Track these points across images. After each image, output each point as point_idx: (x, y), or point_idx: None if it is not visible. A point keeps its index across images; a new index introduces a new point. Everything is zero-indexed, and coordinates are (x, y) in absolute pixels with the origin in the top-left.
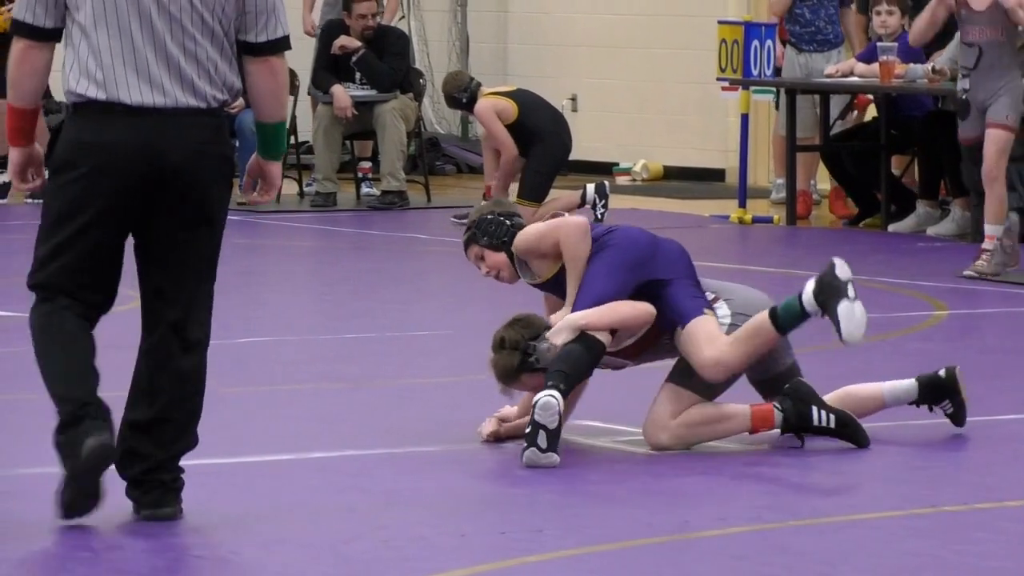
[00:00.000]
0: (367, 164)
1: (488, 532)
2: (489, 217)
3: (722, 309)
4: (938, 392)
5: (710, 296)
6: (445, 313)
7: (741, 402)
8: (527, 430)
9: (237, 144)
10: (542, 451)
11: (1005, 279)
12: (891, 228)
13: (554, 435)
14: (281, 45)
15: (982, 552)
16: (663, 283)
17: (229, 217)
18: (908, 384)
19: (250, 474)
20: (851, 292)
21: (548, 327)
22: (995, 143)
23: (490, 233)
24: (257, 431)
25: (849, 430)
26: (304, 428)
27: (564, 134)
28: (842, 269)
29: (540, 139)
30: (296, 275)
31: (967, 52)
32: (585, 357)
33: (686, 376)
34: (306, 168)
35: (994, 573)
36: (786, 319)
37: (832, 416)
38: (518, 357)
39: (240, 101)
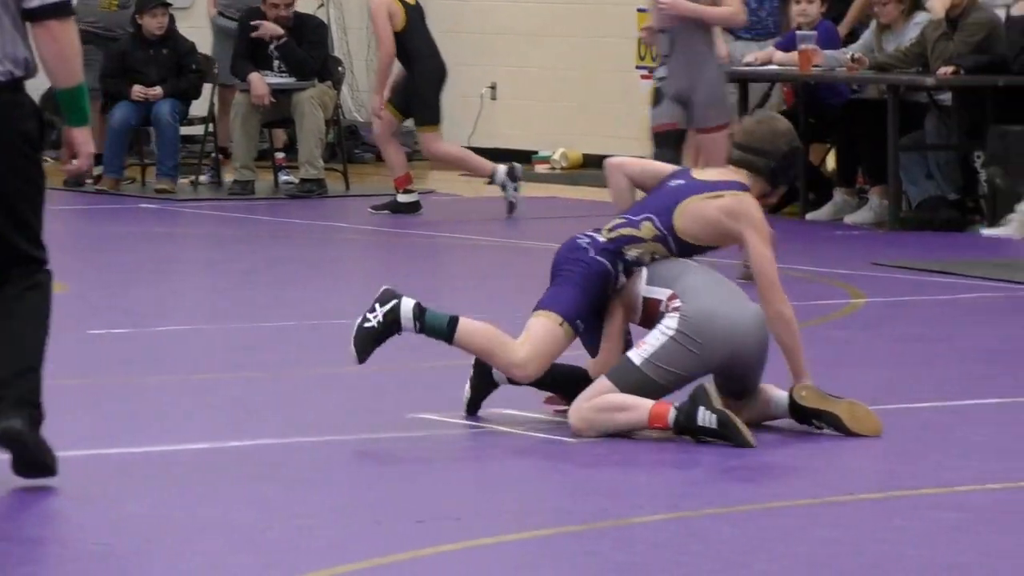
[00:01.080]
0: (281, 155)
1: (405, 520)
2: None
3: (672, 319)
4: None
5: (667, 293)
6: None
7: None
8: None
9: (153, 132)
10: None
11: (924, 267)
12: (809, 216)
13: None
14: (59, 9)
15: (898, 540)
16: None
17: (146, 205)
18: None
19: (167, 463)
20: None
21: None
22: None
23: None
24: (175, 420)
25: (728, 430)
26: (222, 417)
27: (440, 56)
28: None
29: (419, 58)
30: (214, 263)
31: (662, 39)
32: None
33: (620, 373)
34: (226, 156)
35: (910, 561)
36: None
37: (713, 415)
38: None
39: (158, 89)
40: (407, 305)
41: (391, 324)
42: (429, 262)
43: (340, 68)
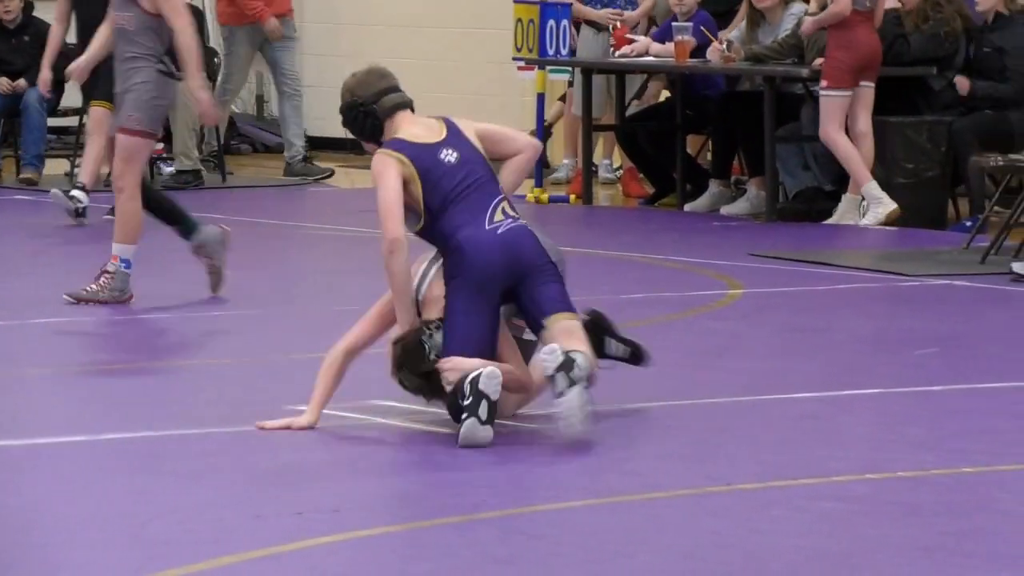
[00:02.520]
0: (159, 145)
1: (284, 513)
2: None
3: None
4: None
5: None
6: (242, 293)
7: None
8: (465, 401)
9: (23, 122)
10: (482, 423)
11: (801, 257)
12: (687, 207)
13: (494, 407)
14: None
15: (777, 530)
16: None
17: (18, 196)
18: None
19: (45, 456)
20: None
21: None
22: (119, 150)
23: None
24: (52, 413)
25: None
26: (100, 409)
27: None
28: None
29: None
30: (88, 256)
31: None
32: None
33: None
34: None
35: (789, 551)
36: None
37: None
38: (428, 366)
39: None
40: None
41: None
42: (306, 254)
43: (215, 59)
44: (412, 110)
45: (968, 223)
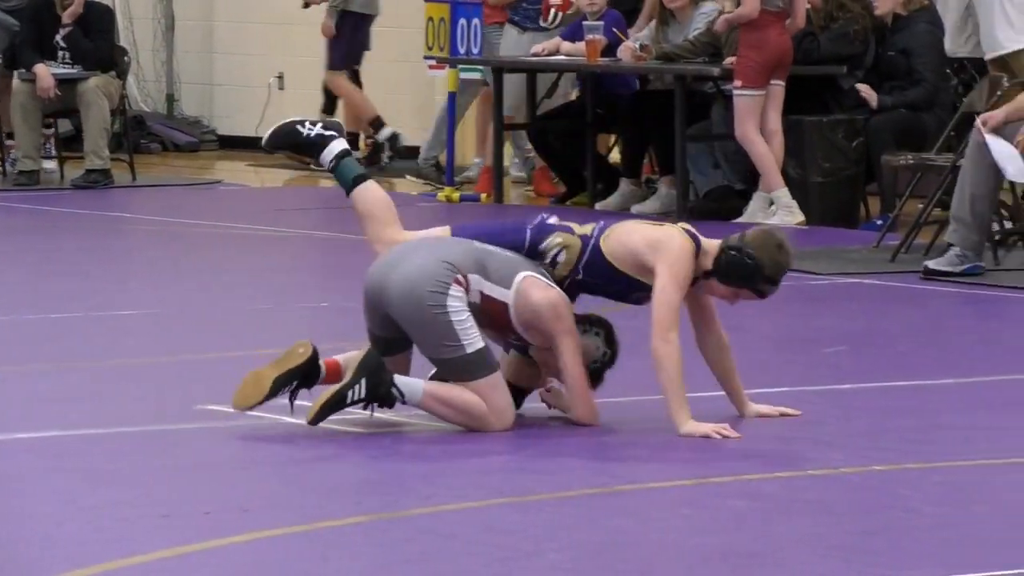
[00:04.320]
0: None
1: (193, 512)
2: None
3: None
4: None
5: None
6: (150, 292)
7: None
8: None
9: None
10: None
11: None
12: (598, 206)
13: None
14: None
15: (687, 528)
16: None
17: None
18: None
19: None
20: None
21: None
22: None
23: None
24: None
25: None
26: (10, 409)
27: None
28: None
29: None
30: None
31: None
32: None
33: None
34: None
35: (699, 549)
36: None
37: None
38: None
39: None
40: (338, 145)
41: (313, 145)
42: (217, 253)
43: (126, 58)
44: None
45: (879, 221)
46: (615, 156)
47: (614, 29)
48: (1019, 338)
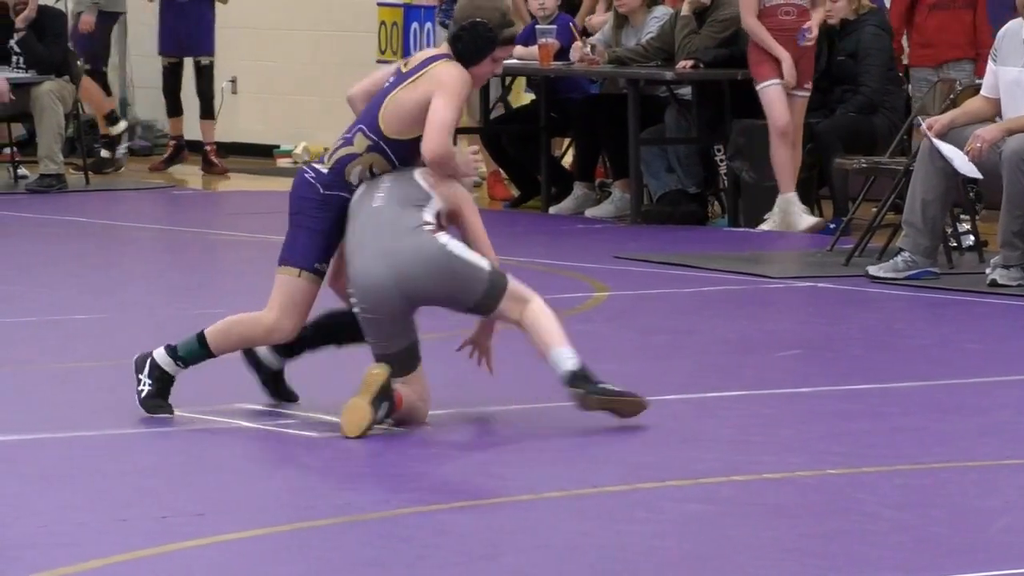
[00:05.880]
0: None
1: (147, 517)
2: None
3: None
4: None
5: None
6: (102, 296)
7: None
8: None
9: None
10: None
11: (666, 260)
12: (552, 210)
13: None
14: None
15: (644, 532)
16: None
17: None
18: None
19: None
20: None
21: None
22: None
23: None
24: None
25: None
26: None
27: None
28: None
29: None
30: None
31: None
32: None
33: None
34: None
35: (655, 552)
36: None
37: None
38: None
39: None
40: (160, 355)
41: (162, 379)
42: (170, 257)
43: (79, 62)
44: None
45: (832, 225)
46: (569, 160)
47: (571, 25)
48: (974, 341)
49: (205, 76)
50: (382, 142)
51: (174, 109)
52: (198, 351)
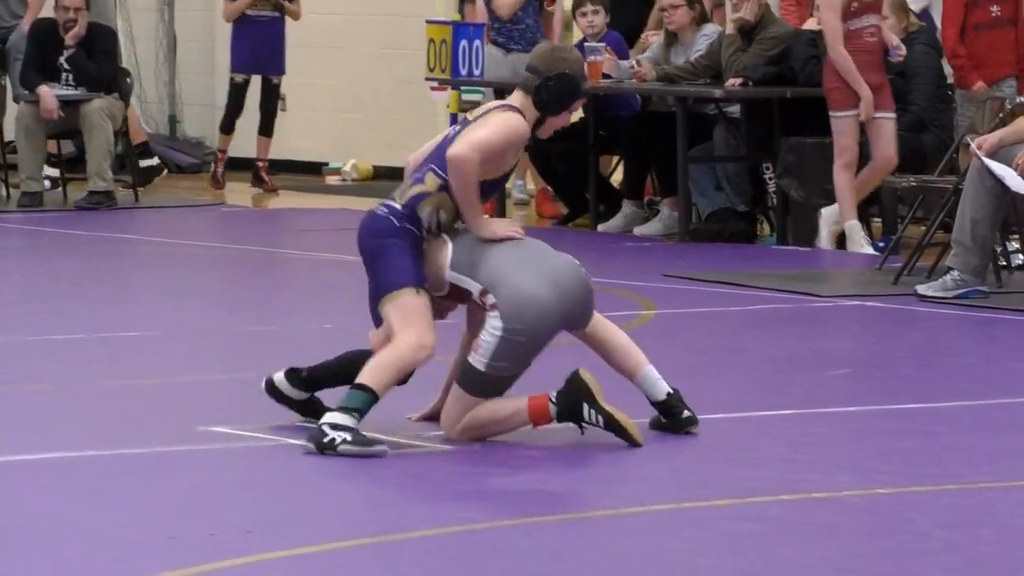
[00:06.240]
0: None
1: (197, 534)
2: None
3: (494, 319)
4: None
5: (477, 288)
6: (153, 313)
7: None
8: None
9: None
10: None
11: (715, 278)
12: (600, 228)
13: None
14: None
15: (692, 550)
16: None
17: None
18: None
19: None
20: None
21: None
22: None
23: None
24: None
25: (615, 431)
26: (11, 429)
27: None
28: None
29: None
30: (2, 276)
31: None
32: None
33: (467, 379)
34: (12, 168)
35: (703, 571)
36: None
37: (600, 416)
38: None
39: None
40: (336, 417)
41: (350, 429)
42: (219, 274)
43: (129, 79)
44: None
45: (881, 244)
46: (617, 177)
47: (604, 47)
48: (1022, 360)
49: (273, 94)
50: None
51: (230, 126)
52: (368, 398)
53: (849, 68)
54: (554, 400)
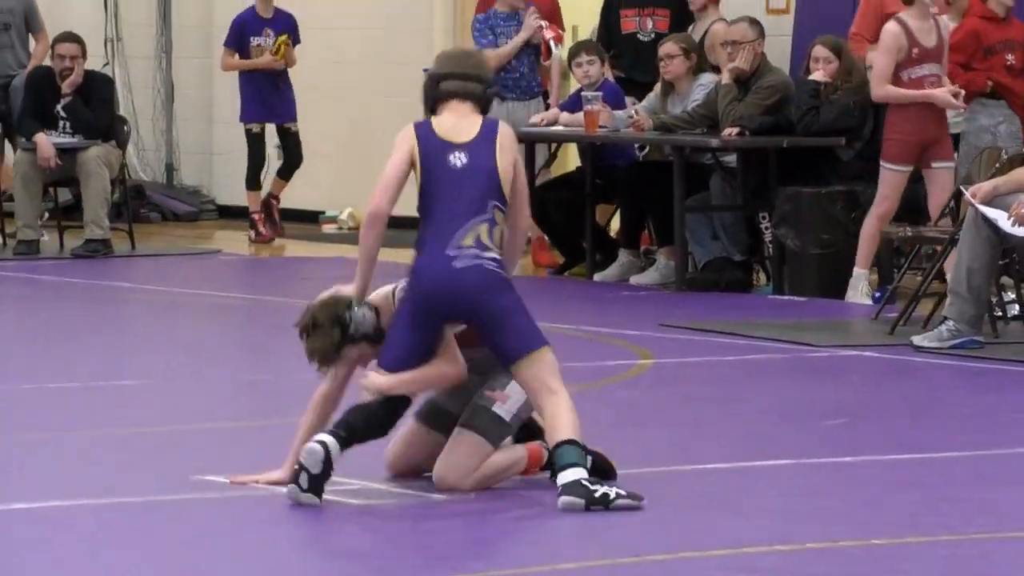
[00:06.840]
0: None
1: None
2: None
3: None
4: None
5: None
6: (149, 361)
7: None
8: (296, 466)
9: None
10: (302, 491)
11: (711, 327)
12: (596, 277)
13: (316, 479)
14: None
15: None
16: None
17: None
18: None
19: None
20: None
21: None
22: None
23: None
24: None
25: (604, 474)
26: (6, 478)
27: None
28: None
29: None
30: None
31: None
32: (382, 416)
33: (492, 429)
34: (9, 215)
35: None
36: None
37: (589, 457)
38: (337, 332)
39: None
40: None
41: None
42: (216, 323)
43: (126, 127)
44: (474, 103)
45: (877, 294)
46: (614, 226)
47: (600, 97)
48: (1018, 411)
49: (293, 141)
50: (505, 207)
51: (255, 182)
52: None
53: (899, 93)
54: (547, 446)
